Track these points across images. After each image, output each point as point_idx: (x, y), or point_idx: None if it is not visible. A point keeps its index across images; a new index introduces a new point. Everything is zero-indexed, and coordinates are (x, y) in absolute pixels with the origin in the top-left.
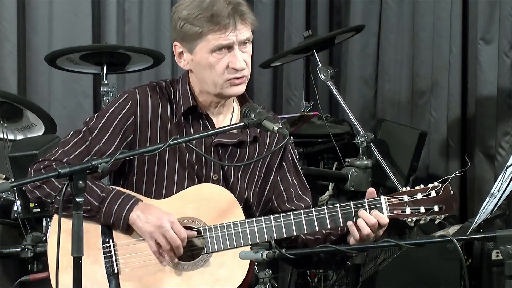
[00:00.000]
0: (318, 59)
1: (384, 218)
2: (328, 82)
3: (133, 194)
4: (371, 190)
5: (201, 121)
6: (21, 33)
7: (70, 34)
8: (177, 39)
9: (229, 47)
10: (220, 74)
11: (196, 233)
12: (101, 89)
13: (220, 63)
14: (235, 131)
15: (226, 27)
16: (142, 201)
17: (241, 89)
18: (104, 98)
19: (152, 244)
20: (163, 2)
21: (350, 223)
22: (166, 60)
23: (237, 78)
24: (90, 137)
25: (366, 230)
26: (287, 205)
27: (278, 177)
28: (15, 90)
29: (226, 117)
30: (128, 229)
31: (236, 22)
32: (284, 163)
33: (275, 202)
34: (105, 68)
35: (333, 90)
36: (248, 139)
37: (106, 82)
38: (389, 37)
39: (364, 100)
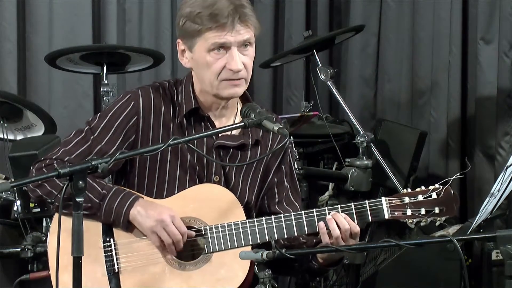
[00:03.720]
0: (318, 59)
1: (356, 227)
2: (328, 82)
3: (134, 191)
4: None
5: (203, 123)
6: (21, 33)
7: (70, 34)
8: (180, 36)
9: (227, 48)
10: (216, 74)
11: (194, 233)
12: (101, 89)
13: (217, 63)
14: (237, 133)
15: (223, 26)
16: (143, 197)
17: (237, 90)
18: (104, 98)
19: (155, 238)
20: (163, 2)
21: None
22: (166, 60)
23: (233, 80)
24: (92, 137)
25: (336, 232)
26: (276, 207)
27: (276, 179)
28: (15, 90)
29: (229, 120)
30: (129, 227)
31: (234, 23)
32: (282, 166)
33: (266, 202)
34: (105, 68)
35: (333, 90)
36: (250, 142)
37: (106, 82)
38: (389, 37)
39: (364, 100)
